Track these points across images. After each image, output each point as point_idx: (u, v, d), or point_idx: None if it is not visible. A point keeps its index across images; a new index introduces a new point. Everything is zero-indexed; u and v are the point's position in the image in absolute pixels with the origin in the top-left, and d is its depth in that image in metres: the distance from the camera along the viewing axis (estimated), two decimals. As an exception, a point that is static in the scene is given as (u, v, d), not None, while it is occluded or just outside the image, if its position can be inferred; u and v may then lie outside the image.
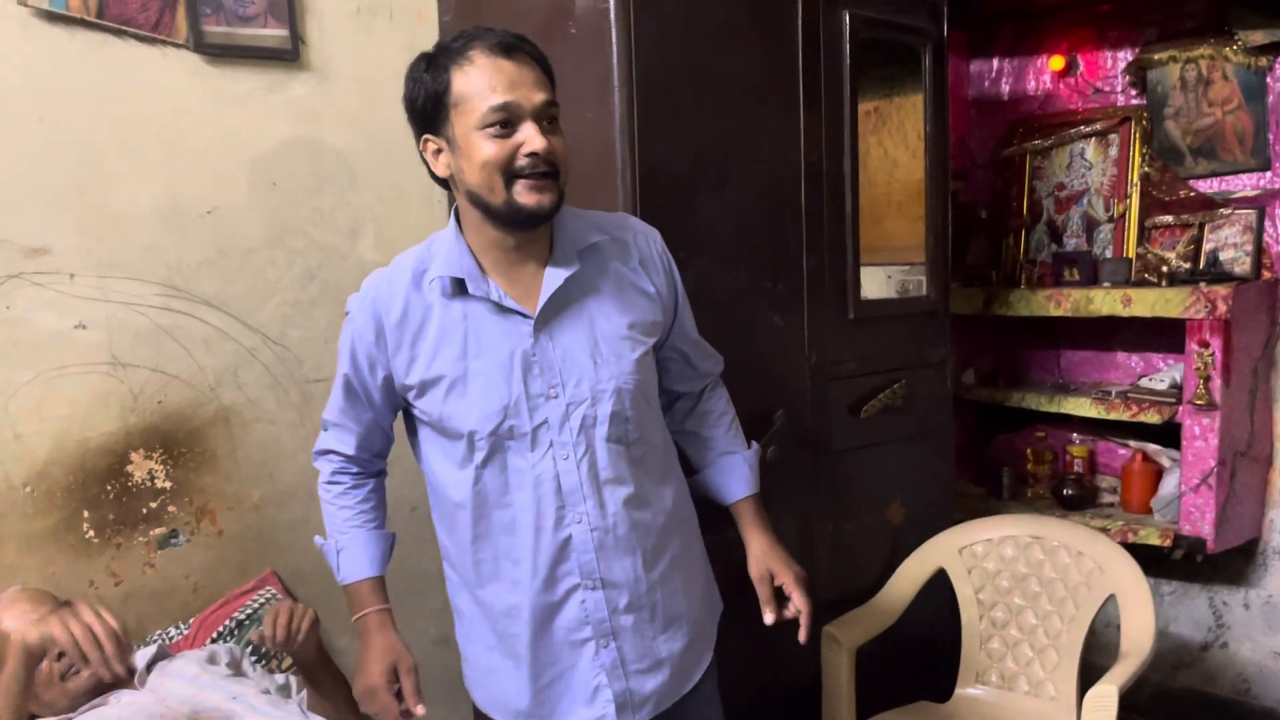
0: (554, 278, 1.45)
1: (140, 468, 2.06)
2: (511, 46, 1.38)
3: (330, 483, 1.64)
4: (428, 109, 1.40)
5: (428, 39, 2.36)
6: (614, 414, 1.47)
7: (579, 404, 1.46)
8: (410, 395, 1.51)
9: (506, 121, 1.36)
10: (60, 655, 1.68)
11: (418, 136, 1.45)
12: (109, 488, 2.02)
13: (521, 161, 1.36)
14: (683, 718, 1.63)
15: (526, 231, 1.44)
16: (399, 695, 1.55)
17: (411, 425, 1.59)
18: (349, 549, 1.61)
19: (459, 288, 1.45)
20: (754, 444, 1.81)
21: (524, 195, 1.37)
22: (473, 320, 1.45)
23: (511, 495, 1.48)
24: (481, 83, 1.35)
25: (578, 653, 1.52)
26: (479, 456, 1.47)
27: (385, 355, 1.50)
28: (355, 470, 1.64)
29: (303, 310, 2.25)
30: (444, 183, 1.47)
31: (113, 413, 2.02)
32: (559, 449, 1.46)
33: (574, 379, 1.45)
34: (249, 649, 2.04)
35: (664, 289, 1.58)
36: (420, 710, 1.53)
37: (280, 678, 1.94)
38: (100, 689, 1.74)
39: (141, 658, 1.82)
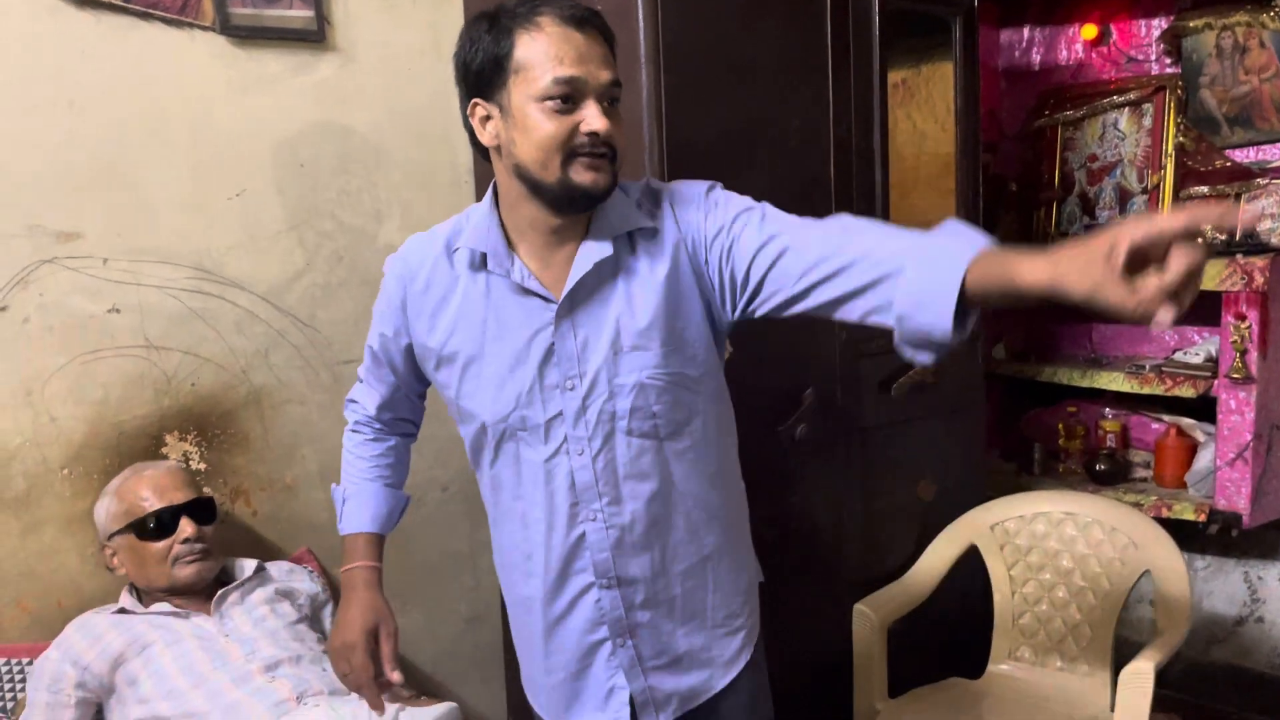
0: (584, 262, 1.34)
1: (175, 449, 2.08)
2: (583, 19, 1.28)
3: (353, 430, 1.62)
4: (484, 71, 1.30)
5: (452, 19, 2.35)
6: (635, 409, 1.36)
7: (597, 397, 1.36)
8: (429, 368, 1.47)
9: (569, 96, 1.26)
10: (184, 541, 1.85)
11: (465, 100, 1.35)
12: (145, 469, 2.04)
13: (580, 140, 1.27)
14: (715, 716, 1.54)
15: (573, 214, 1.34)
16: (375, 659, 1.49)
17: None
18: (354, 499, 1.58)
19: (485, 262, 1.38)
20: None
21: (580, 173, 1.28)
22: (495, 299, 1.38)
23: (524, 488, 1.42)
24: (549, 51, 1.25)
25: (593, 655, 1.47)
26: (491, 444, 1.43)
27: (407, 321, 1.45)
28: (378, 426, 1.61)
29: (331, 292, 2.25)
30: (483, 151, 1.38)
31: (147, 395, 2.04)
32: (573, 444, 1.38)
33: (592, 371, 1.36)
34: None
35: (697, 245, 1.38)
36: (396, 677, 1.47)
37: None
38: (194, 592, 1.89)
39: (248, 567, 2.00)
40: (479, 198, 2.38)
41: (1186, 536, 2.78)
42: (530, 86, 1.26)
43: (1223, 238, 2.83)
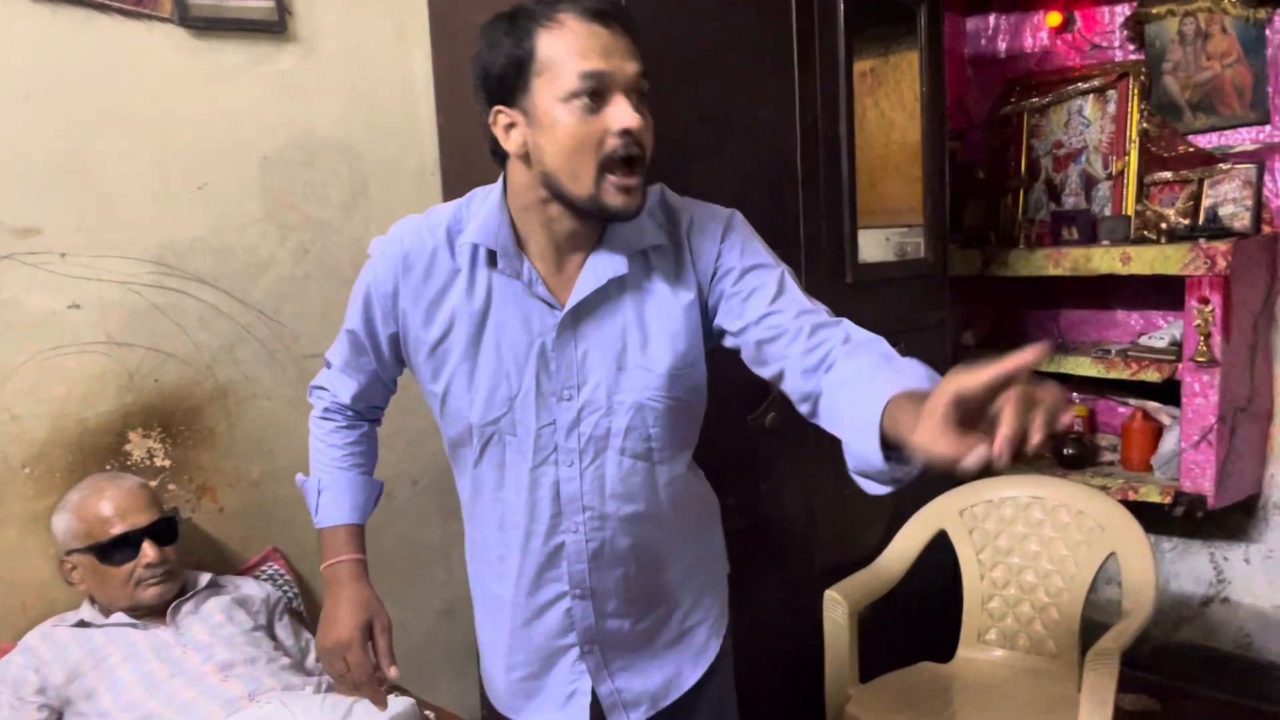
0: (594, 275, 1.31)
1: (139, 447, 2.05)
2: (604, 12, 1.22)
3: (322, 418, 1.54)
4: (505, 76, 1.23)
5: (416, 10, 2.34)
6: (631, 429, 1.35)
7: (593, 411, 1.34)
8: (418, 359, 1.39)
9: (596, 92, 1.20)
10: (147, 566, 1.83)
11: (487, 107, 1.28)
12: (108, 467, 2.01)
13: (612, 143, 1.21)
14: (690, 715, 1.54)
15: (597, 223, 1.30)
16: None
17: None
18: (331, 489, 1.51)
19: (492, 258, 1.33)
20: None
21: (612, 195, 1.23)
22: (498, 297, 1.33)
23: (505, 492, 1.40)
24: (571, 47, 1.20)
25: (558, 658, 1.46)
26: (477, 445, 1.38)
27: (399, 309, 1.37)
28: (350, 413, 1.54)
29: (298, 285, 2.23)
30: (501, 158, 1.32)
31: (109, 392, 2.02)
32: (563, 454, 1.35)
33: (592, 384, 1.33)
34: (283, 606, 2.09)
35: (705, 277, 1.36)
36: (394, 673, 1.45)
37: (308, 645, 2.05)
38: (154, 611, 1.87)
39: (202, 578, 1.98)
40: (445, 189, 2.38)
41: (1153, 519, 2.82)
42: (555, 85, 1.20)
43: (1185, 222, 2.86)
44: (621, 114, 1.20)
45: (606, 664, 1.46)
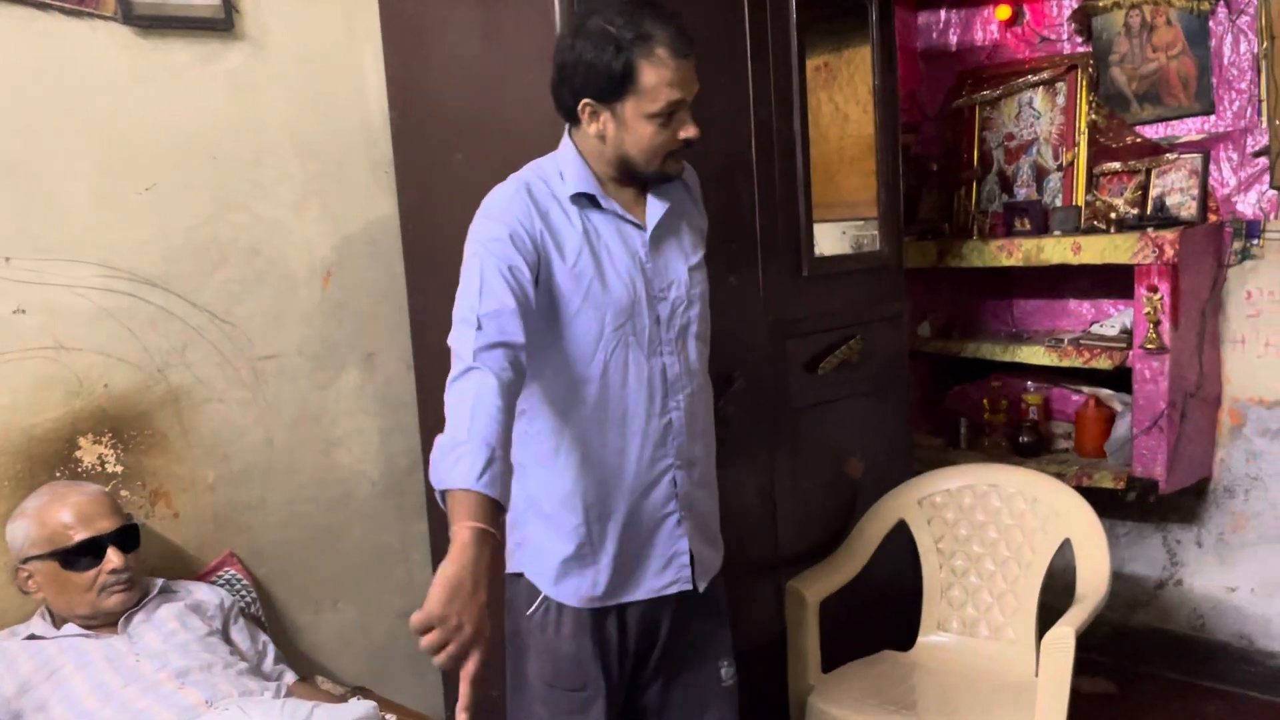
0: (657, 204, 1.71)
1: (90, 453, 2.02)
2: (688, 51, 1.58)
3: (510, 377, 1.47)
4: (603, 84, 1.57)
5: (367, 4, 2.31)
6: (701, 315, 1.75)
7: (679, 304, 1.71)
8: (553, 287, 1.62)
9: (673, 113, 1.59)
10: (112, 571, 1.81)
11: (575, 98, 1.61)
12: (58, 474, 1.97)
13: (677, 143, 1.63)
14: (707, 603, 1.81)
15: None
16: None
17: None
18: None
19: (587, 201, 1.66)
20: None
21: (672, 166, 1.67)
22: (602, 229, 1.67)
23: (629, 387, 1.67)
24: (665, 79, 1.56)
25: (661, 525, 1.72)
26: (606, 350, 1.65)
27: (543, 244, 1.61)
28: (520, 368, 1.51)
29: (249, 286, 2.20)
30: (571, 117, 1.66)
31: (58, 398, 1.98)
32: (665, 344, 1.70)
33: (677, 284, 1.72)
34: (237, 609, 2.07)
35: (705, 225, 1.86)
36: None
37: (268, 657, 2.02)
38: (107, 621, 1.85)
39: (154, 585, 1.96)
40: (399, 185, 2.37)
41: (1107, 504, 2.86)
42: (645, 105, 1.58)
43: (1134, 211, 2.91)
44: (689, 128, 1.63)
45: (694, 530, 1.76)
